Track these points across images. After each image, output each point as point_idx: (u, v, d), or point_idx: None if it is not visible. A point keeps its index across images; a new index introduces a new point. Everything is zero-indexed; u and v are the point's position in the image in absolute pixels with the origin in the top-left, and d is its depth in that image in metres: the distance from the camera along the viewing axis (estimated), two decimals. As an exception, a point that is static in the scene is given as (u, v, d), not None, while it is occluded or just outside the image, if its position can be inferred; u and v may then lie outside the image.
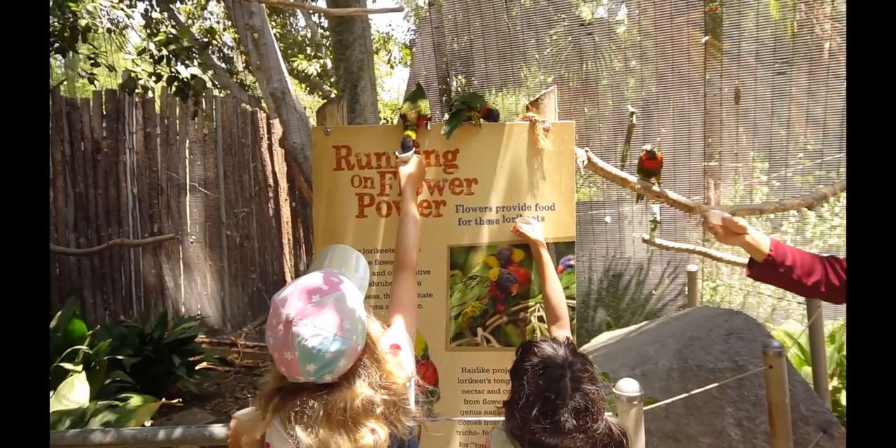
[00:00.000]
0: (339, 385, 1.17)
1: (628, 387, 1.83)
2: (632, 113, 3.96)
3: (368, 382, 1.19)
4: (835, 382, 3.68)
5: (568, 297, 1.99)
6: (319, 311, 1.14)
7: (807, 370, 3.83)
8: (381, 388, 1.20)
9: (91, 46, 6.28)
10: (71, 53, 5.39)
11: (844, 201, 5.74)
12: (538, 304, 2.00)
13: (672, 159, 5.72)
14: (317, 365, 1.13)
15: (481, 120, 2.03)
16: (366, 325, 1.23)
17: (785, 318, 5.61)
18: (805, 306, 3.65)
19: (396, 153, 1.94)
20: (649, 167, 2.88)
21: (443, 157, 2.04)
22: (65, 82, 10.35)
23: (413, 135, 1.97)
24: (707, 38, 5.59)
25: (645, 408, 1.90)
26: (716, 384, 2.53)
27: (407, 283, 1.57)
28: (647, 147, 2.85)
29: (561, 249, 2.01)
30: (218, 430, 1.82)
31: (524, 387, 1.32)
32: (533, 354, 1.37)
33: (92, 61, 5.94)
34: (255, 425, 1.22)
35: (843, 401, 3.65)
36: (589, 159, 2.41)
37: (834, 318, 4.93)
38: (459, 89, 6.42)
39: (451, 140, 2.03)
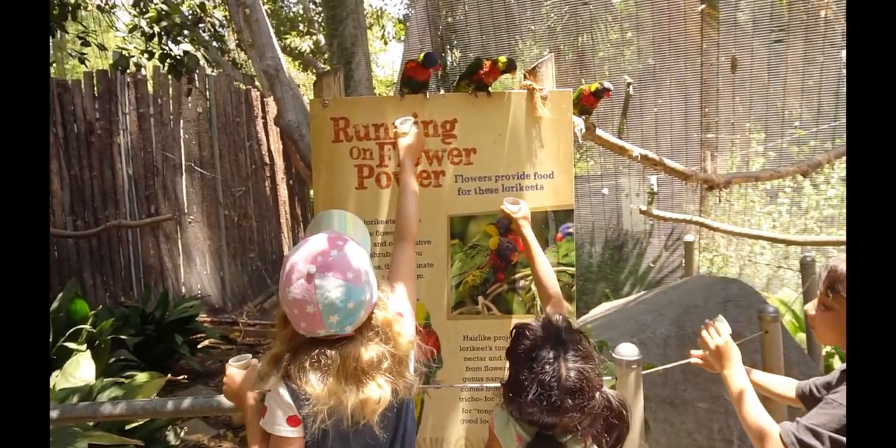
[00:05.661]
0: (353, 338, 1.22)
1: (627, 351, 1.84)
2: (628, 84, 3.94)
3: (379, 338, 1.23)
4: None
5: (568, 265, 2.02)
6: (339, 262, 1.18)
7: (801, 336, 3.89)
8: (388, 343, 1.24)
9: (81, 26, 6.18)
10: (60, 34, 5.30)
11: (839, 172, 5.76)
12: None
13: (669, 130, 5.71)
14: (339, 316, 1.17)
15: (485, 91, 2.04)
16: (376, 280, 1.27)
17: (780, 287, 5.66)
18: (800, 275, 3.69)
19: (395, 123, 1.93)
20: (588, 103, 2.47)
21: (441, 127, 2.04)
22: (54, 64, 10.21)
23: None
24: (703, 7, 5.54)
25: (643, 373, 1.93)
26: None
27: (407, 254, 1.58)
28: (608, 85, 2.39)
29: (560, 217, 2.02)
30: (225, 400, 1.85)
31: (519, 370, 1.32)
32: (525, 338, 1.35)
33: (82, 40, 5.86)
34: (254, 382, 1.28)
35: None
36: (587, 128, 2.40)
37: (829, 286, 4.96)
38: (454, 63, 6.36)
39: (449, 110, 2.03)
